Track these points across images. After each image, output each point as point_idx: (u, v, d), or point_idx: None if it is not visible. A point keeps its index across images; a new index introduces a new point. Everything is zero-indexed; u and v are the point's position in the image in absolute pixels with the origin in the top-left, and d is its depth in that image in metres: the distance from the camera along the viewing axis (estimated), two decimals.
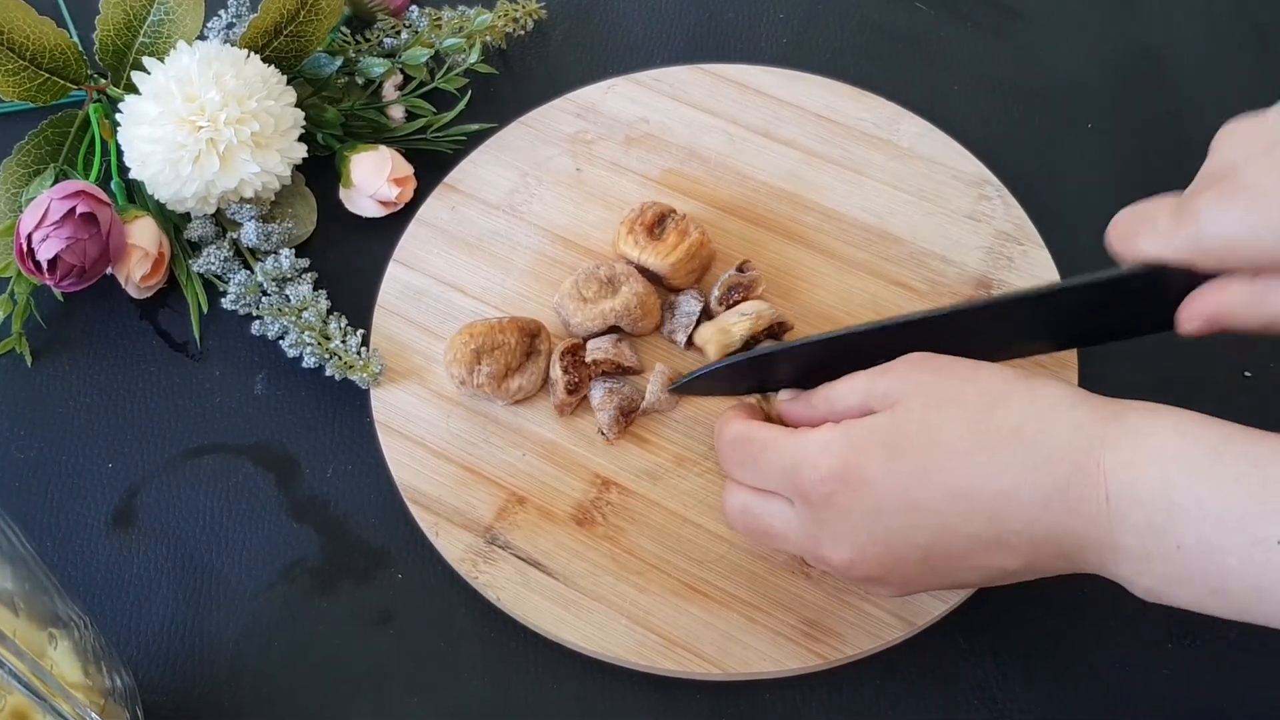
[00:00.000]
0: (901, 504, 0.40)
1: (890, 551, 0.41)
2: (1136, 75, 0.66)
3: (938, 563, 0.40)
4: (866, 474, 0.40)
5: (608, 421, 0.52)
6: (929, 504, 0.39)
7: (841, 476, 0.40)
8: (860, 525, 0.41)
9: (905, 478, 0.40)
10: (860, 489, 0.40)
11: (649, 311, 0.54)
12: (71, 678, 0.41)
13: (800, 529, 0.43)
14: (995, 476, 0.39)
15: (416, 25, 0.64)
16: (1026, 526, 0.38)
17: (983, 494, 0.39)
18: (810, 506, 0.42)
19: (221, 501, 0.53)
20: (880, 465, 0.40)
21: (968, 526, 0.39)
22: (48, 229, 0.53)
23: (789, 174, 0.60)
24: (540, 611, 0.48)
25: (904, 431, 0.40)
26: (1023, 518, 0.38)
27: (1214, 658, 0.48)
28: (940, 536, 0.40)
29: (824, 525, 0.41)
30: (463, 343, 0.52)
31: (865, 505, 0.40)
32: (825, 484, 0.41)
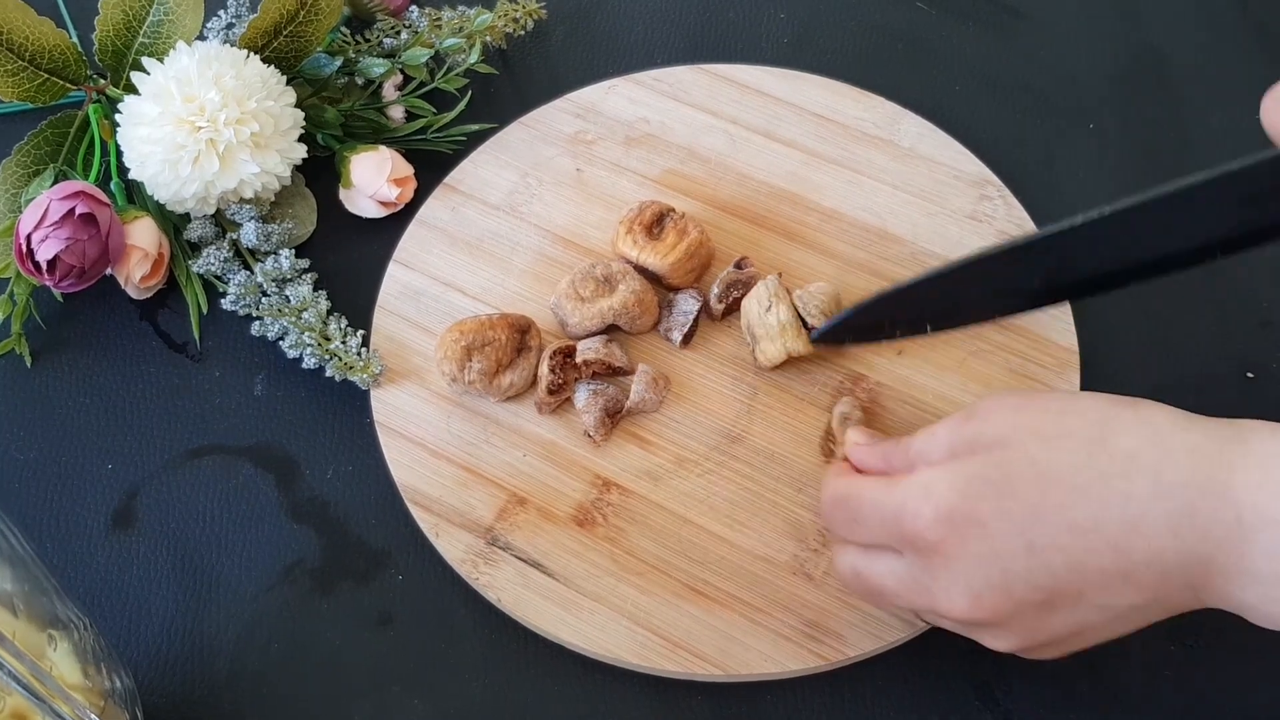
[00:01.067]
0: (1019, 545, 0.38)
1: (1010, 597, 0.38)
2: (1138, 75, 0.66)
3: (1061, 604, 0.38)
4: (977, 515, 0.38)
5: (593, 423, 0.52)
6: (1049, 542, 0.37)
7: (949, 520, 0.38)
8: (974, 571, 0.38)
9: (1020, 517, 0.38)
10: (970, 532, 0.38)
11: (646, 310, 0.54)
12: (71, 679, 0.41)
13: (911, 581, 0.40)
14: (1118, 506, 0.37)
15: (416, 25, 0.64)
16: (1155, 556, 0.37)
17: (1106, 526, 0.37)
18: (919, 554, 0.40)
19: (221, 502, 0.53)
20: (990, 505, 0.38)
21: (1095, 561, 0.37)
22: (47, 229, 0.53)
23: (789, 174, 0.60)
24: (541, 612, 0.48)
25: (1012, 469, 0.38)
26: (1150, 547, 0.37)
27: (1215, 659, 0.48)
28: (1062, 576, 0.38)
29: (934, 574, 0.39)
30: (453, 340, 0.52)
31: (978, 550, 0.38)
32: (931, 530, 0.39)
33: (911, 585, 0.41)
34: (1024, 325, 0.55)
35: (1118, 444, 0.38)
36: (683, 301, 0.55)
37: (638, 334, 0.55)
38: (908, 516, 0.39)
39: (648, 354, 0.55)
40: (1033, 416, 0.40)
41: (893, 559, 0.42)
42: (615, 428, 0.53)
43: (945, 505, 0.39)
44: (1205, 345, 0.56)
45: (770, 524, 0.50)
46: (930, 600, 0.40)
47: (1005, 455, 0.39)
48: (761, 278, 0.55)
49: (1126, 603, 0.38)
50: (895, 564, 0.41)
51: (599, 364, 0.53)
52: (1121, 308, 0.57)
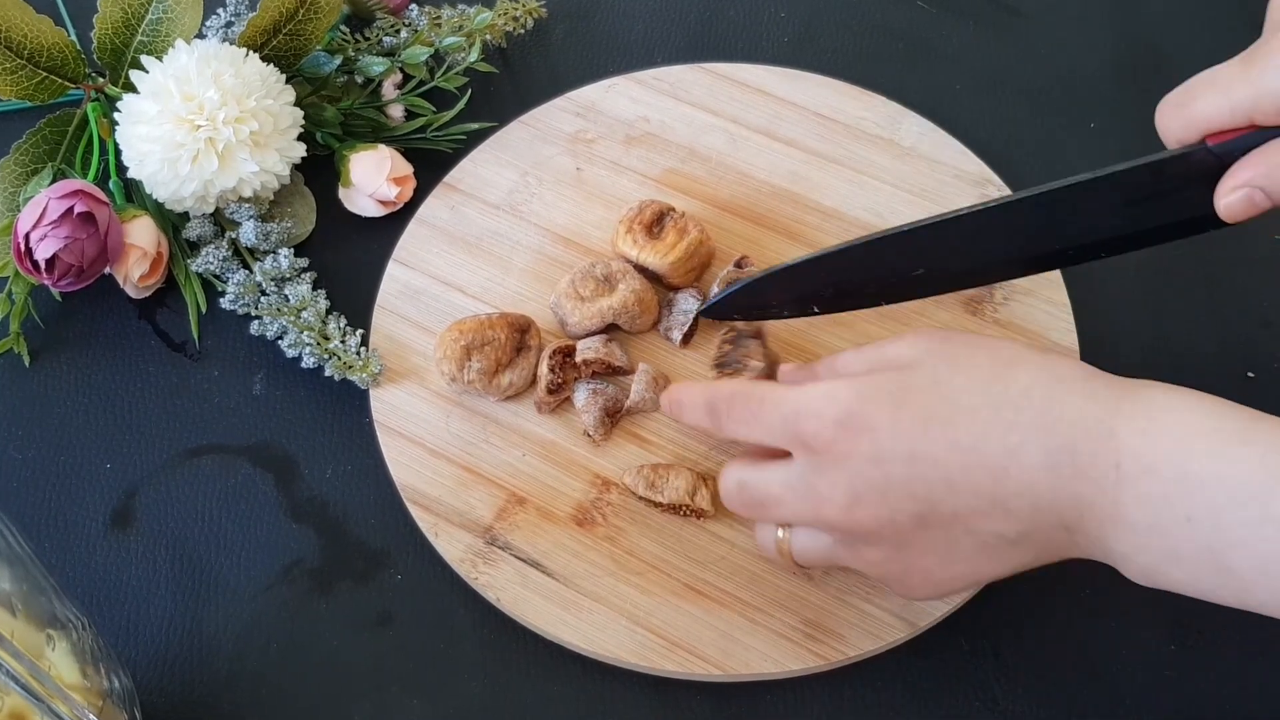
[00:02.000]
0: (903, 452, 0.39)
1: (887, 501, 0.40)
2: (1139, 73, 0.65)
3: (934, 521, 0.40)
4: (871, 421, 0.40)
5: (593, 423, 0.52)
6: (931, 455, 0.39)
7: (844, 423, 0.40)
8: (859, 473, 0.40)
9: (909, 427, 0.39)
10: (862, 436, 0.40)
11: (646, 309, 0.54)
12: (69, 679, 0.41)
13: (799, 484, 0.42)
14: (1000, 431, 0.38)
15: (416, 24, 0.64)
16: (1028, 488, 0.38)
17: (986, 448, 0.38)
18: (811, 455, 0.41)
19: (220, 502, 0.53)
20: (886, 414, 0.40)
21: (968, 481, 0.38)
22: (45, 228, 0.52)
23: (790, 173, 0.60)
24: (540, 612, 0.48)
25: (913, 385, 0.40)
26: (1025, 478, 0.38)
27: (1216, 660, 0.48)
28: (939, 491, 0.39)
29: (822, 473, 0.41)
30: (452, 339, 0.52)
31: (866, 451, 0.40)
32: (828, 429, 0.40)
33: (799, 489, 0.42)
34: (1023, 324, 0.55)
35: (1016, 378, 0.39)
36: (683, 301, 0.55)
37: (637, 333, 0.55)
38: (808, 416, 0.41)
39: (647, 353, 0.55)
40: (949, 345, 0.41)
41: (780, 467, 0.43)
42: (615, 427, 0.53)
43: (844, 408, 0.40)
44: (1206, 345, 0.56)
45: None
46: (815, 503, 0.41)
47: (910, 372, 0.41)
48: None
49: (997, 530, 0.39)
50: (783, 471, 0.42)
51: (599, 363, 0.53)
52: (1122, 307, 0.57)
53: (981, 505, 0.39)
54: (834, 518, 0.41)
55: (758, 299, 0.51)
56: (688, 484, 0.49)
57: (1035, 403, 0.38)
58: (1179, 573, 0.37)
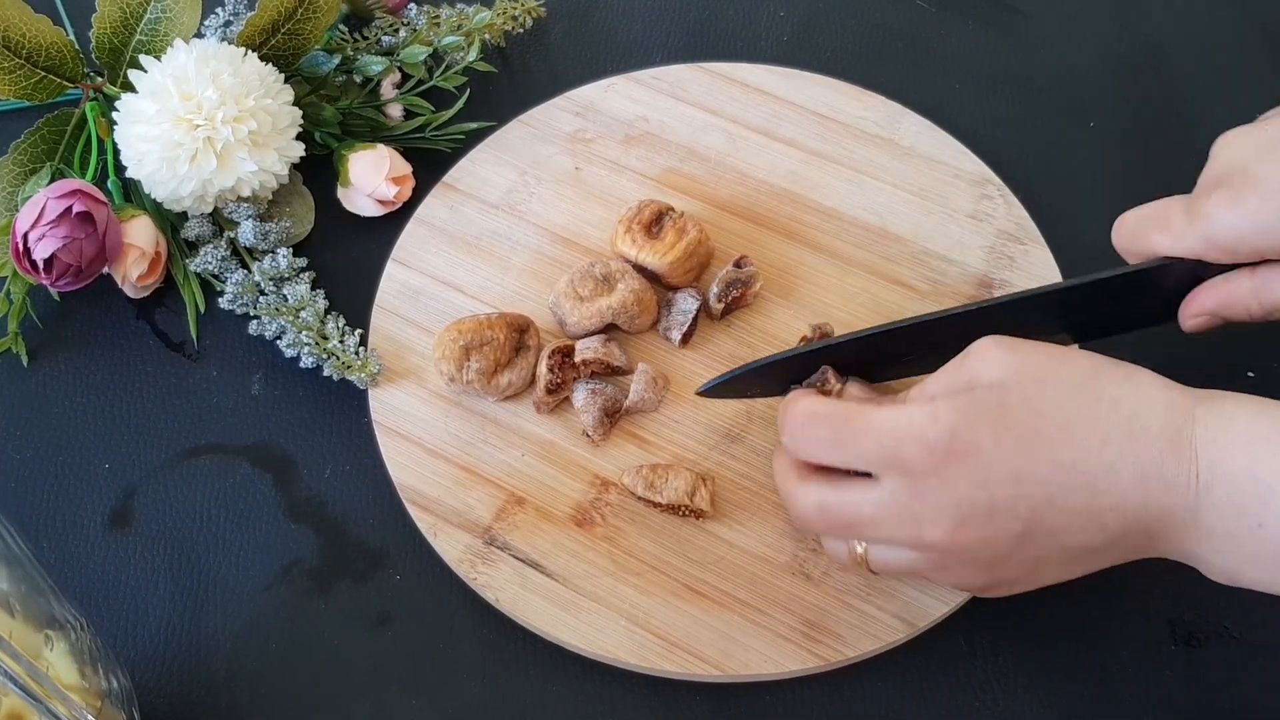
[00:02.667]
0: (1008, 473, 0.39)
1: (992, 522, 0.40)
2: (1139, 73, 0.65)
3: (1034, 537, 0.40)
4: (975, 443, 0.39)
5: (592, 423, 0.52)
6: (1035, 475, 0.39)
7: (949, 446, 0.39)
8: (964, 496, 0.40)
9: (1012, 449, 0.39)
10: (968, 460, 0.39)
11: (646, 309, 0.54)
12: (68, 680, 0.41)
13: (895, 507, 0.41)
14: (1098, 449, 0.39)
15: (415, 23, 0.64)
16: (1121, 500, 0.39)
17: (1085, 466, 0.39)
18: (910, 478, 0.40)
19: (219, 502, 0.53)
20: (990, 436, 0.39)
21: (1069, 499, 0.39)
22: (44, 228, 0.52)
23: (789, 173, 0.60)
24: (539, 613, 0.48)
25: (1009, 404, 0.40)
26: (1119, 491, 0.39)
27: (1217, 660, 0.48)
28: (1041, 510, 0.39)
29: (924, 498, 0.40)
30: (451, 339, 0.52)
31: (973, 476, 0.39)
32: (932, 453, 0.40)
33: (896, 511, 0.41)
34: None
35: (1102, 391, 0.40)
36: (682, 301, 0.55)
37: (636, 333, 0.55)
38: (909, 438, 0.40)
39: (647, 353, 0.55)
40: (1027, 360, 0.41)
41: (870, 487, 0.41)
42: (614, 427, 0.52)
43: (947, 431, 0.40)
44: (1206, 345, 0.56)
45: (769, 524, 0.50)
46: (915, 526, 0.41)
47: (1003, 392, 0.40)
48: (760, 277, 0.55)
49: (1087, 543, 0.40)
50: (875, 492, 0.41)
51: (598, 363, 0.52)
52: None
53: (1079, 520, 0.40)
54: (937, 541, 0.41)
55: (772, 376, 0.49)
56: (687, 484, 0.49)
57: (1123, 416, 0.39)
58: (1257, 573, 0.39)
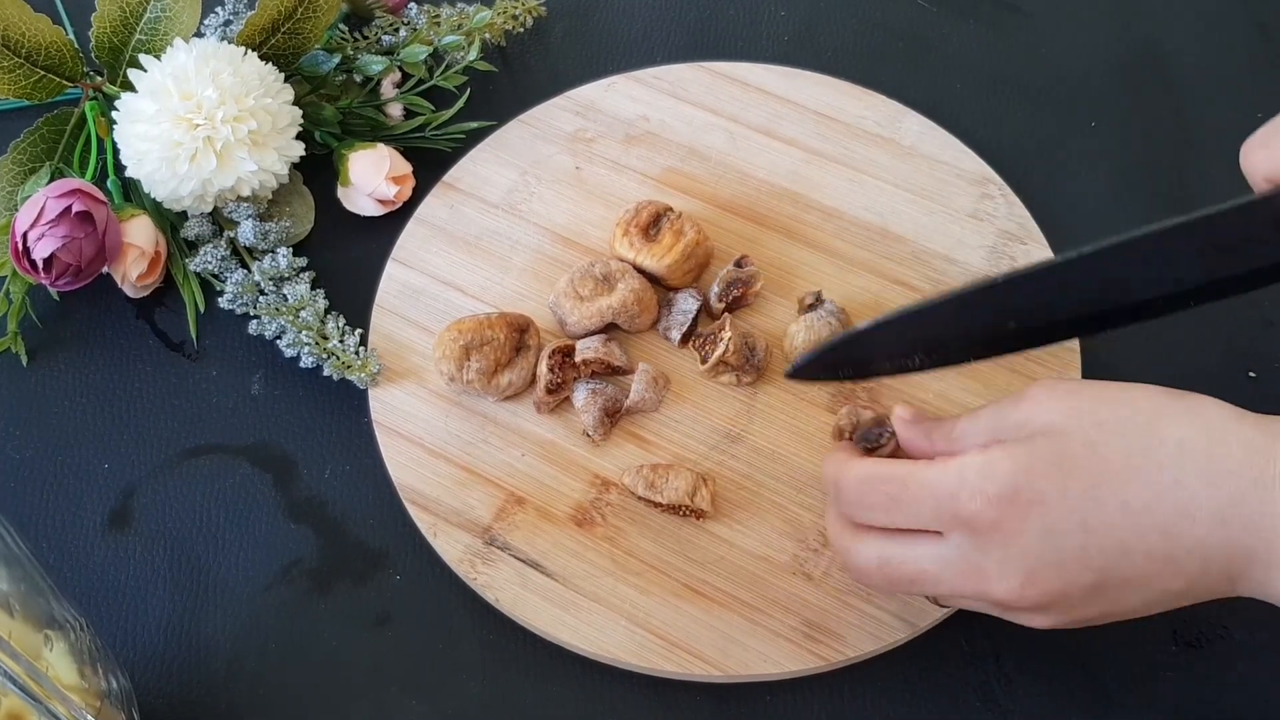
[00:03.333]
0: (1075, 524, 0.38)
1: (1062, 575, 0.39)
2: (1140, 72, 0.65)
3: (1108, 586, 0.39)
4: (1039, 494, 0.38)
5: (592, 423, 0.52)
6: (1104, 523, 0.38)
7: (1012, 499, 0.38)
8: (1031, 549, 0.38)
9: (1079, 498, 0.38)
10: (1031, 511, 0.38)
11: (646, 308, 0.54)
12: (67, 680, 0.41)
13: (960, 563, 0.40)
14: (1170, 491, 0.38)
15: (415, 22, 0.64)
16: (1199, 543, 0.37)
17: (1158, 510, 0.38)
18: (974, 534, 0.39)
19: (218, 502, 0.53)
20: (1053, 485, 0.38)
21: (1142, 544, 0.38)
22: (43, 228, 0.52)
23: (790, 172, 0.60)
24: (539, 613, 0.48)
25: (1071, 451, 0.38)
26: (1196, 535, 0.37)
27: (1218, 661, 0.48)
28: (1114, 558, 0.38)
29: (989, 553, 0.39)
30: (451, 339, 0.52)
31: (1037, 527, 0.38)
32: (994, 507, 0.38)
33: (961, 567, 0.40)
34: None
35: (1170, 432, 0.38)
36: (682, 301, 0.55)
37: (637, 333, 0.55)
38: (966, 494, 0.39)
39: (647, 353, 0.55)
40: (1085, 403, 0.40)
41: (932, 543, 0.40)
42: (614, 427, 0.52)
43: (1009, 483, 0.38)
44: (1207, 345, 0.56)
45: (770, 524, 0.50)
46: (981, 582, 0.40)
47: (1063, 439, 0.39)
48: (761, 276, 0.55)
49: (1165, 588, 0.39)
50: (937, 548, 0.40)
51: (598, 363, 0.52)
52: None
53: (1154, 566, 0.38)
54: (1004, 596, 0.39)
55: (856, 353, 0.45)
56: (687, 484, 0.49)
57: (1196, 457, 0.38)
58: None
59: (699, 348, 0.53)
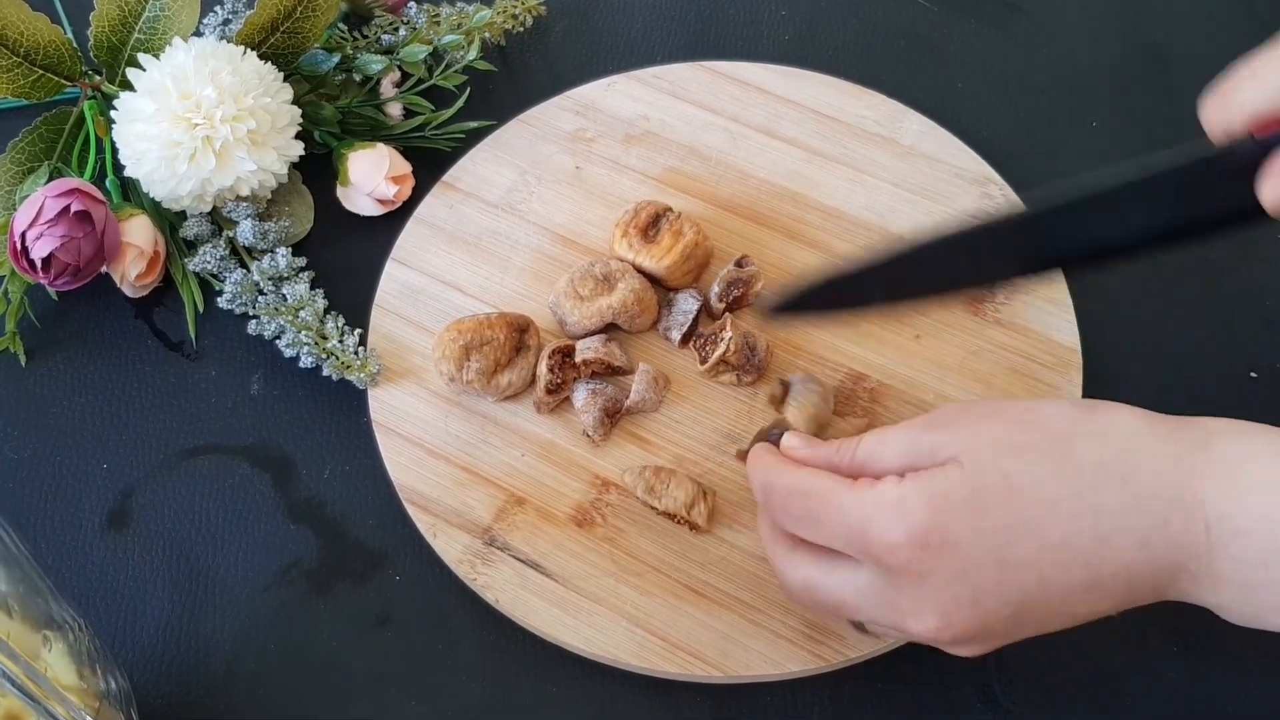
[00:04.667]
0: (990, 561, 0.37)
1: (979, 612, 0.38)
2: (1141, 72, 0.65)
3: (1029, 616, 0.38)
4: (951, 536, 0.37)
5: (592, 423, 0.51)
6: (1022, 559, 0.37)
7: (923, 542, 0.37)
8: (944, 590, 0.37)
9: (993, 536, 0.37)
10: (944, 551, 0.37)
11: (646, 308, 0.54)
12: (66, 680, 0.40)
13: (875, 596, 0.39)
14: (1088, 521, 0.37)
15: (415, 22, 0.64)
16: (1124, 567, 0.37)
17: (1076, 541, 0.37)
18: (887, 572, 0.38)
19: (217, 502, 0.52)
20: (966, 524, 0.37)
21: (1064, 578, 0.37)
22: (42, 227, 0.52)
23: (790, 172, 0.60)
24: (539, 613, 0.48)
25: (983, 485, 0.37)
26: (1119, 560, 0.37)
27: (1218, 663, 0.48)
28: (1033, 592, 0.37)
29: (902, 592, 0.38)
30: (451, 339, 0.52)
31: (950, 569, 0.37)
32: (903, 549, 0.37)
33: (876, 601, 0.39)
34: (1025, 324, 0.54)
35: (1085, 454, 0.37)
36: (682, 301, 0.54)
37: (637, 333, 0.55)
38: (876, 531, 0.38)
39: (648, 353, 0.55)
40: (996, 427, 0.39)
41: (852, 570, 0.40)
42: (614, 427, 0.52)
43: (919, 525, 0.37)
44: (1208, 345, 0.56)
45: None
46: (897, 618, 0.39)
47: (975, 470, 0.38)
48: (761, 276, 0.54)
49: (1091, 609, 0.38)
50: (855, 576, 0.40)
51: (598, 363, 0.52)
52: (1124, 306, 0.57)
53: (1076, 595, 0.38)
54: (921, 633, 0.39)
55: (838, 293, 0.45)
56: (687, 496, 0.49)
57: (1112, 481, 0.37)
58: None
59: (699, 348, 0.53)
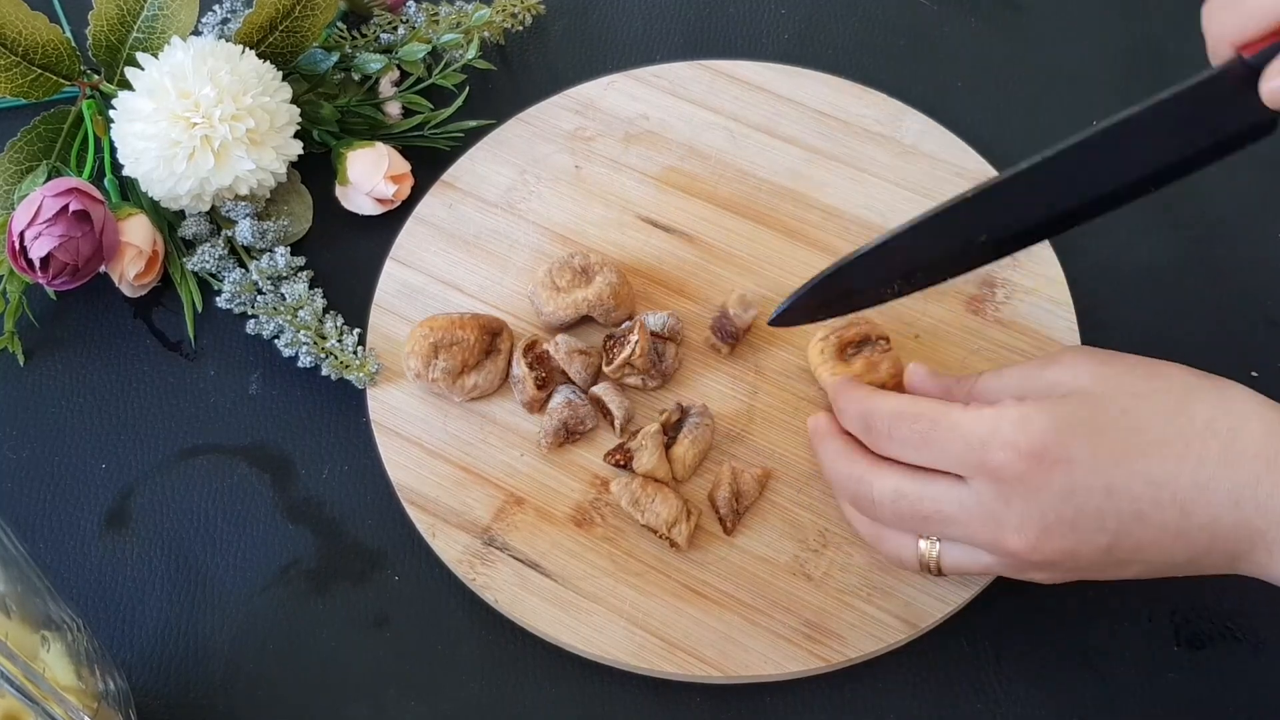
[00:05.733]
0: (1097, 486, 0.39)
1: (1076, 534, 0.39)
2: (1141, 71, 0.65)
3: (1118, 550, 0.40)
4: (1067, 453, 0.39)
5: (550, 429, 0.51)
6: (1125, 489, 0.39)
7: (1040, 455, 0.39)
8: (1050, 506, 0.39)
9: (1106, 462, 0.39)
10: (1057, 468, 0.39)
11: (622, 302, 0.53)
12: (64, 681, 0.40)
13: (978, 509, 0.40)
14: (1191, 466, 0.38)
15: (413, 20, 0.64)
16: (1212, 520, 0.38)
17: (1178, 484, 0.38)
18: (998, 483, 0.40)
19: (216, 502, 0.52)
20: (1083, 446, 0.39)
21: (1159, 515, 0.39)
22: (40, 227, 0.52)
23: (790, 171, 0.60)
24: (538, 613, 0.48)
25: (1106, 416, 0.39)
26: (1210, 511, 0.38)
27: (1220, 661, 0.48)
28: (1130, 525, 0.39)
29: (1010, 503, 0.40)
30: (421, 335, 0.52)
31: (1060, 486, 0.39)
32: (1022, 460, 0.39)
33: (978, 514, 0.40)
34: (1025, 323, 0.54)
35: (1199, 411, 0.39)
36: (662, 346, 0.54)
37: (611, 325, 0.54)
38: (997, 444, 0.39)
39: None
40: (1120, 371, 0.41)
41: (953, 485, 0.41)
42: (567, 444, 0.52)
43: (1040, 439, 0.39)
44: (1210, 344, 0.56)
45: (770, 524, 0.50)
46: (996, 531, 0.40)
47: (1097, 400, 0.40)
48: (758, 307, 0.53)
49: (1171, 558, 0.40)
50: (958, 491, 0.41)
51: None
52: (1125, 306, 0.56)
53: (1165, 537, 0.39)
54: (1018, 548, 0.40)
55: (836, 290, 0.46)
56: (670, 514, 0.48)
57: (1221, 436, 0.39)
58: None
59: (608, 349, 0.53)
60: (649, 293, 0.56)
